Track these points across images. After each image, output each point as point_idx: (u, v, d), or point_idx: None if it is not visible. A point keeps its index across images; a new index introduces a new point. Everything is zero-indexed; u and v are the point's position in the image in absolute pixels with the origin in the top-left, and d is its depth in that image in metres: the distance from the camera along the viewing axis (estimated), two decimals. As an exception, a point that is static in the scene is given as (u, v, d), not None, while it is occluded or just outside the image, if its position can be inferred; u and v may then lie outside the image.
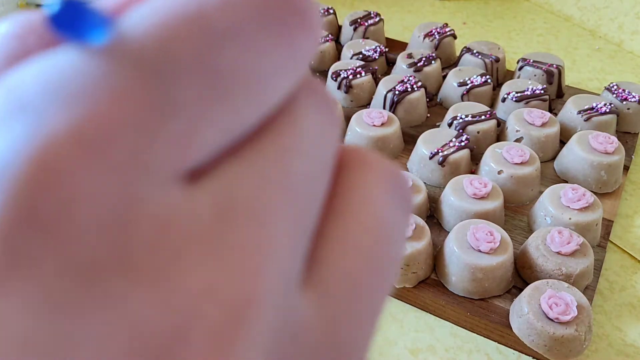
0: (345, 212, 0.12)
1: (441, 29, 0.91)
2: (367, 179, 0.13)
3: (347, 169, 0.13)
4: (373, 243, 0.12)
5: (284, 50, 0.10)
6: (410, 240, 0.55)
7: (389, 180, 0.13)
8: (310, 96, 0.12)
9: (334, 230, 0.12)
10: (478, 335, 0.55)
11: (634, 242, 0.66)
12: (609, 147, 0.67)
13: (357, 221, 0.12)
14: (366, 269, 0.12)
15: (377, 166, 0.13)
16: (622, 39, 1.04)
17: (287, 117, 0.11)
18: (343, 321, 0.11)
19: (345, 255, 0.11)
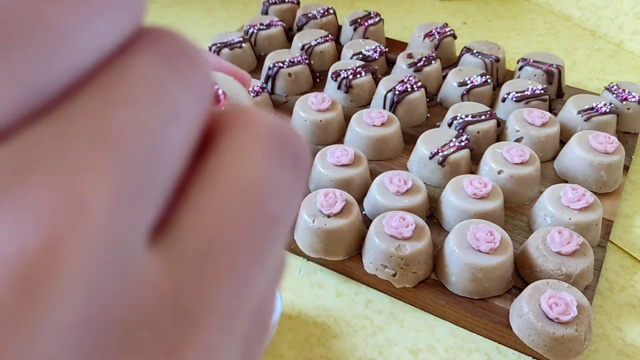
0: (212, 171, 0.11)
1: (441, 29, 0.91)
2: (241, 136, 0.12)
3: (222, 129, 0.12)
4: (240, 202, 0.11)
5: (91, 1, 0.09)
6: (410, 240, 0.55)
7: (270, 136, 0.12)
8: (152, 47, 0.10)
9: (196, 190, 0.11)
10: (478, 335, 0.55)
11: (634, 242, 0.66)
12: (609, 147, 0.67)
13: (223, 180, 0.11)
14: (227, 229, 0.11)
15: (255, 123, 0.12)
16: (622, 39, 1.04)
17: (111, 70, 0.10)
18: (193, 282, 0.10)
19: (203, 214, 0.11)
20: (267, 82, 0.82)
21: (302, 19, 0.94)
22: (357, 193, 0.64)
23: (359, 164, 0.65)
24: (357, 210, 0.58)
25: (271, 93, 0.82)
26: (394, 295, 0.58)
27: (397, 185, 0.61)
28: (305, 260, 0.62)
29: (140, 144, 0.10)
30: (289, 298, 0.58)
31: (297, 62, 0.82)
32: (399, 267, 0.54)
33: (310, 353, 0.53)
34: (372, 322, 0.56)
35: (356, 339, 0.55)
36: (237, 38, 0.86)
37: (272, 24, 0.91)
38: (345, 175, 0.63)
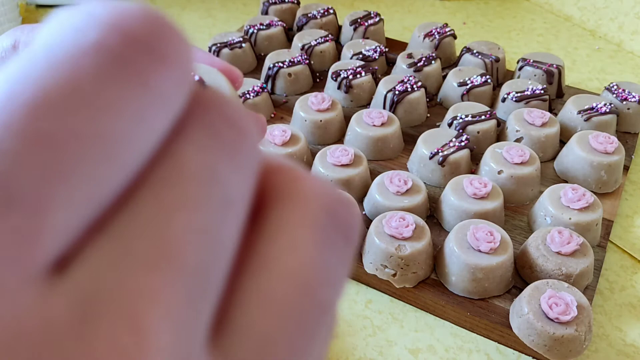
0: (263, 260, 0.11)
1: (441, 29, 0.91)
2: (291, 215, 0.11)
3: (269, 202, 0.11)
4: (294, 295, 0.11)
5: (135, 97, 0.09)
6: (410, 240, 0.55)
7: (321, 214, 0.11)
8: (201, 127, 0.10)
9: (248, 282, 0.10)
10: (478, 335, 0.55)
11: (634, 242, 0.66)
12: (609, 147, 0.67)
13: (273, 271, 0.11)
14: (284, 326, 0.10)
15: (305, 196, 0.11)
16: (622, 39, 1.04)
17: (163, 165, 0.10)
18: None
19: (258, 311, 0.10)
20: (267, 82, 0.82)
21: (302, 19, 0.94)
22: (357, 193, 0.64)
23: (359, 164, 0.65)
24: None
25: (271, 93, 0.82)
26: (394, 295, 0.58)
27: (397, 185, 0.61)
28: (305, 260, 0.62)
29: (199, 253, 0.09)
30: (289, 298, 0.58)
31: (297, 62, 0.82)
32: (399, 267, 0.54)
33: (310, 353, 0.53)
34: (372, 322, 0.56)
35: (356, 339, 0.55)
36: (237, 38, 0.86)
37: (272, 24, 0.91)
38: (345, 175, 0.63)
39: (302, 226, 0.11)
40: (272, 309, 0.10)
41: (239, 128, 0.11)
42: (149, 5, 0.10)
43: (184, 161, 0.10)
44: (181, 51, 0.10)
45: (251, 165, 0.11)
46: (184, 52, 0.10)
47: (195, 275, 0.09)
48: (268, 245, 0.11)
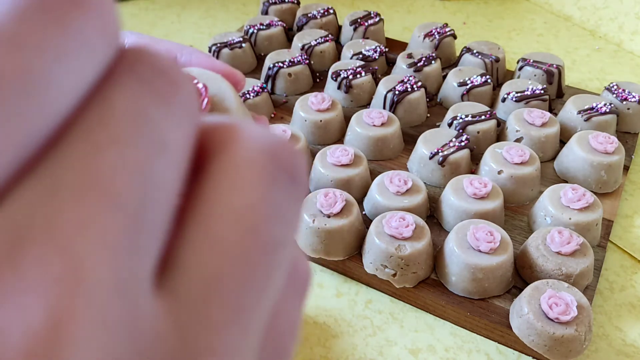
0: (207, 201, 0.11)
1: (441, 29, 0.91)
2: (232, 159, 0.11)
3: (213, 149, 0.11)
4: (239, 233, 0.11)
5: (55, 38, 0.09)
6: (410, 240, 0.55)
7: (262, 155, 0.11)
8: (131, 74, 0.10)
9: (192, 223, 0.10)
10: (478, 335, 0.55)
11: (634, 242, 0.66)
12: (609, 147, 0.67)
13: (218, 211, 0.11)
14: (226, 265, 0.10)
15: (246, 141, 0.11)
16: (622, 39, 1.04)
17: (92, 108, 0.10)
18: (201, 327, 0.10)
19: (201, 251, 0.10)
20: (267, 82, 0.82)
21: (302, 19, 0.94)
22: (357, 193, 0.64)
23: (359, 164, 0.65)
24: (357, 210, 0.58)
25: (271, 93, 0.82)
26: (394, 295, 0.58)
27: (397, 185, 0.61)
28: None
29: (131, 186, 0.09)
30: (289, 298, 0.58)
31: (297, 62, 0.82)
32: (399, 267, 0.54)
33: (310, 353, 0.53)
34: (372, 322, 0.56)
35: (356, 339, 0.55)
36: (237, 38, 0.86)
37: (272, 24, 0.91)
38: (345, 175, 0.63)
39: (244, 168, 0.11)
40: (217, 248, 0.10)
41: (171, 78, 0.11)
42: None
43: (113, 104, 0.10)
44: (104, 4, 0.10)
45: (186, 114, 0.11)
46: (107, 5, 0.10)
47: (130, 208, 0.09)
48: (211, 189, 0.11)
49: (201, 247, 0.10)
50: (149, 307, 0.10)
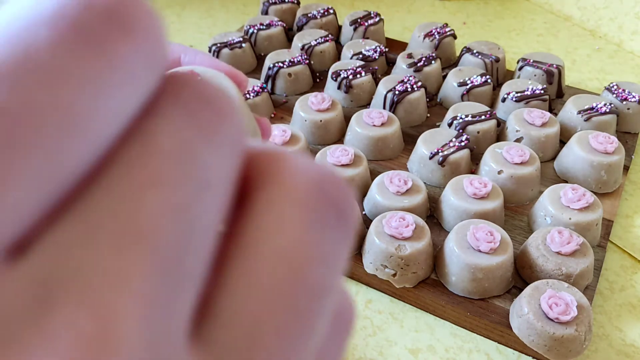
0: (248, 242, 0.10)
1: (441, 29, 0.91)
2: (277, 196, 0.10)
3: (255, 185, 0.11)
4: (283, 277, 0.10)
5: (98, 70, 0.08)
6: (410, 240, 0.55)
7: (308, 191, 0.11)
8: (175, 105, 0.10)
9: (233, 266, 0.10)
10: (478, 335, 0.55)
11: (634, 242, 0.66)
12: (609, 147, 0.67)
13: (260, 253, 0.10)
14: (269, 313, 0.10)
15: (291, 175, 0.11)
16: (622, 39, 1.04)
17: (135, 144, 0.09)
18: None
19: (242, 297, 0.10)
20: (267, 82, 0.82)
21: (302, 19, 0.94)
22: (357, 193, 0.64)
23: (359, 164, 0.65)
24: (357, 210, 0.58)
25: (271, 93, 0.82)
26: (394, 295, 0.58)
27: (397, 185, 0.61)
28: (305, 260, 0.62)
29: (172, 235, 0.09)
30: (289, 298, 0.58)
31: (297, 62, 0.82)
32: (399, 267, 0.54)
33: (310, 353, 0.53)
34: (372, 322, 0.56)
35: (356, 339, 0.54)
36: (237, 38, 0.86)
37: (272, 24, 0.91)
38: (345, 175, 0.63)
39: (289, 205, 0.10)
40: (259, 293, 0.10)
41: (217, 108, 0.10)
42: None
43: (157, 139, 0.09)
44: (151, 26, 0.09)
45: (232, 147, 0.10)
46: (154, 27, 0.09)
47: (170, 258, 0.09)
48: (254, 227, 0.10)
49: (242, 293, 0.10)
50: (185, 358, 0.09)
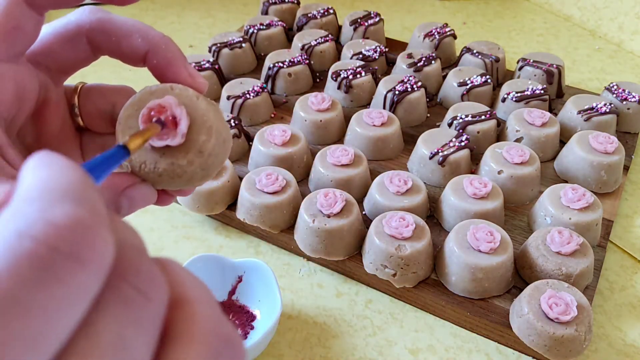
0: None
1: (441, 29, 0.91)
2: (183, 355, 0.14)
3: (168, 340, 0.14)
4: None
5: (55, 294, 0.11)
6: (410, 240, 0.55)
7: (208, 353, 0.14)
8: (115, 295, 0.13)
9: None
10: (478, 335, 0.55)
11: (634, 242, 0.66)
12: (609, 147, 0.67)
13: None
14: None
15: (195, 339, 0.14)
16: (622, 39, 1.04)
17: (82, 336, 0.12)
18: None
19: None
20: (267, 82, 0.82)
21: (302, 19, 0.94)
22: (357, 193, 0.64)
23: (359, 164, 0.65)
24: (357, 210, 0.58)
25: (271, 93, 0.82)
26: (394, 295, 0.58)
27: (397, 185, 0.61)
28: (305, 260, 0.62)
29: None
30: (289, 298, 0.58)
31: (297, 62, 0.82)
32: (399, 267, 0.54)
33: (310, 353, 0.53)
34: (372, 322, 0.56)
35: (356, 339, 0.55)
36: (237, 38, 0.86)
37: (272, 24, 0.91)
38: (345, 175, 0.63)
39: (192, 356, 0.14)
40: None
41: (148, 296, 0.14)
42: (78, 212, 0.12)
43: (98, 332, 0.12)
44: (98, 249, 0.12)
45: (154, 324, 0.14)
46: (100, 249, 0.12)
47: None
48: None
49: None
50: None
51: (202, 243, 0.63)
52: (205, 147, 0.24)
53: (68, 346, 0.12)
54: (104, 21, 0.25)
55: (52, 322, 0.11)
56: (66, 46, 0.25)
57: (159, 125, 0.23)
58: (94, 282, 0.12)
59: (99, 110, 0.27)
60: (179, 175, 0.24)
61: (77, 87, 0.27)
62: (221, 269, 0.55)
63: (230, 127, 0.69)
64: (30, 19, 0.22)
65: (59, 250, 0.12)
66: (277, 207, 0.59)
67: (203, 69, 0.79)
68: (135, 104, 0.24)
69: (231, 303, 0.55)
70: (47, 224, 0.12)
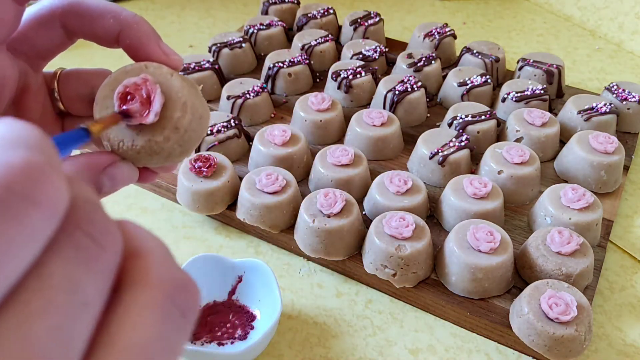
0: (110, 338, 0.14)
1: (441, 29, 0.91)
2: (137, 299, 0.14)
3: (123, 287, 0.15)
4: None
5: (8, 232, 0.12)
6: (410, 240, 0.55)
7: (163, 296, 0.15)
8: (69, 240, 0.13)
9: (96, 358, 0.13)
10: (478, 335, 0.55)
11: (634, 242, 0.66)
12: (609, 147, 0.67)
13: (119, 345, 0.14)
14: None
15: (151, 283, 0.15)
16: (622, 39, 1.04)
17: (34, 276, 0.12)
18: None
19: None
20: (267, 82, 0.82)
21: (302, 19, 0.94)
22: (357, 193, 0.64)
23: (359, 164, 0.65)
24: (357, 210, 0.58)
25: (271, 93, 0.82)
26: (394, 295, 0.58)
27: (397, 185, 0.61)
28: (305, 260, 0.62)
29: (56, 349, 0.12)
30: (289, 298, 0.58)
31: (297, 62, 0.82)
32: (399, 267, 0.54)
33: (310, 353, 0.53)
34: (372, 322, 0.56)
35: (356, 339, 0.55)
36: (237, 38, 0.86)
37: (272, 24, 0.91)
38: (345, 175, 0.63)
39: (145, 307, 0.14)
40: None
41: (101, 244, 0.14)
42: (33, 157, 0.13)
43: (50, 273, 0.13)
44: (51, 193, 0.13)
45: (107, 271, 0.14)
46: (54, 192, 0.13)
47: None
48: (116, 325, 0.14)
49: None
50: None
51: (202, 243, 0.63)
52: (180, 123, 0.24)
53: (19, 286, 0.12)
54: (75, 4, 0.26)
55: (3, 260, 0.12)
56: (40, 31, 0.26)
57: (120, 116, 0.24)
58: (47, 225, 0.13)
59: (79, 93, 0.27)
60: (156, 152, 0.24)
61: (56, 72, 0.28)
62: (221, 269, 0.55)
63: (230, 127, 0.69)
64: (10, 9, 0.23)
65: (12, 191, 0.12)
66: (277, 207, 0.59)
67: (203, 69, 0.79)
68: (111, 84, 0.25)
69: (231, 303, 0.55)
70: (2, 166, 0.12)
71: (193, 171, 0.62)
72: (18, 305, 0.12)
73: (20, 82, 0.25)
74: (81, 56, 0.92)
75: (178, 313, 0.15)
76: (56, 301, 0.13)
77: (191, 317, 0.16)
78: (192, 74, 0.78)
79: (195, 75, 0.78)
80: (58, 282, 0.13)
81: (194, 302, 0.16)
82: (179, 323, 0.15)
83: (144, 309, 0.14)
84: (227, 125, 0.69)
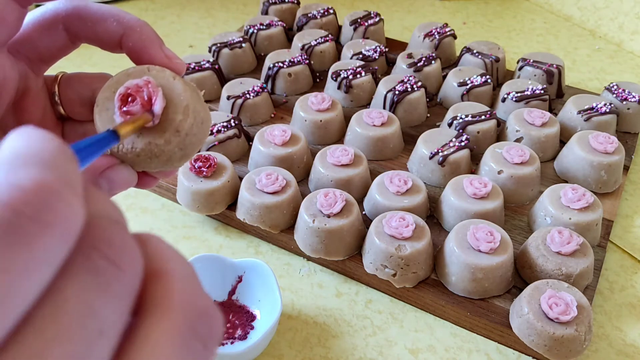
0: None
1: (441, 29, 0.91)
2: (157, 326, 0.14)
3: (144, 312, 0.14)
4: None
5: (21, 257, 0.11)
6: (410, 240, 0.55)
7: (184, 325, 0.14)
8: (85, 263, 0.13)
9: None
10: (478, 335, 0.55)
11: (634, 242, 0.66)
12: (609, 147, 0.67)
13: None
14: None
15: (172, 310, 0.14)
16: (622, 39, 1.04)
17: (48, 302, 0.12)
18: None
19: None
20: (267, 82, 0.82)
21: (302, 19, 0.94)
22: (357, 193, 0.64)
23: (359, 164, 0.65)
24: (357, 210, 0.58)
25: (271, 93, 0.82)
26: (394, 295, 0.58)
27: (397, 185, 0.61)
28: (305, 260, 0.62)
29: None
30: (289, 298, 0.58)
31: (297, 62, 0.82)
32: (399, 267, 0.54)
33: (310, 353, 0.53)
34: (372, 322, 0.56)
35: (356, 339, 0.55)
36: (237, 38, 0.86)
37: (272, 24, 0.91)
38: (345, 175, 0.63)
39: (165, 336, 0.14)
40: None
41: (120, 266, 0.13)
42: (44, 176, 0.12)
43: (65, 298, 0.12)
44: (64, 213, 0.12)
45: (126, 295, 0.14)
46: (66, 213, 0.12)
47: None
48: (134, 353, 0.13)
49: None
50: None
51: (202, 243, 0.63)
52: (182, 127, 0.24)
53: (33, 312, 0.12)
54: (79, 8, 0.25)
55: (16, 285, 0.11)
56: (44, 34, 0.26)
57: (151, 115, 0.23)
58: (60, 247, 0.12)
59: (80, 97, 0.27)
60: (156, 155, 0.24)
61: (57, 76, 0.28)
62: (221, 269, 0.55)
63: (230, 127, 0.69)
64: (13, 11, 0.23)
65: (23, 213, 0.12)
66: (277, 207, 0.59)
67: (203, 69, 0.79)
68: (112, 86, 0.25)
69: (231, 303, 0.55)
70: (12, 187, 0.12)
71: (193, 171, 0.62)
72: (33, 334, 0.12)
73: (20, 84, 0.25)
74: (81, 56, 0.92)
75: (199, 344, 0.15)
76: (72, 329, 0.12)
77: (213, 347, 0.15)
78: (192, 74, 0.78)
79: (195, 75, 0.78)
80: (73, 308, 0.12)
81: (216, 331, 0.15)
82: (199, 354, 0.15)
83: (163, 337, 0.14)
84: (227, 125, 0.69)
